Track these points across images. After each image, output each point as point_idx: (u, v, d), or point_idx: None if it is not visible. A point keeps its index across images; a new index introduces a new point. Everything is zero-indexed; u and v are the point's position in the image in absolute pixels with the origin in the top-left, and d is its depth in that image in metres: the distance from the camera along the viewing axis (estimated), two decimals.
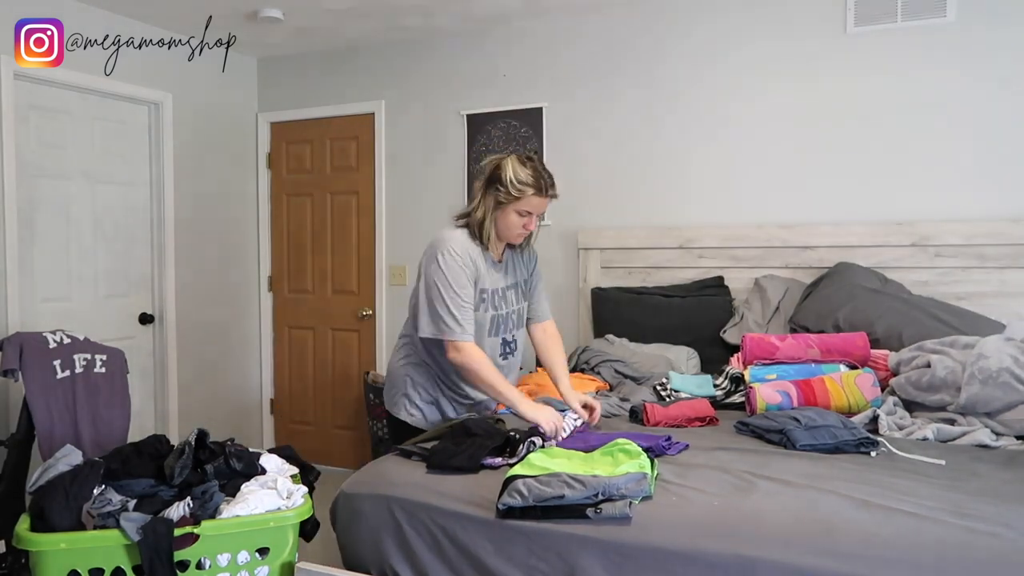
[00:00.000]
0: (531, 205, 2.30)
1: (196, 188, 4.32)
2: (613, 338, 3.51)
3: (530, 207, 2.30)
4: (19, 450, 2.89)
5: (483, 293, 2.33)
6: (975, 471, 1.96)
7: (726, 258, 3.60)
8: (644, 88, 3.81)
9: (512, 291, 2.43)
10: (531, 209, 2.30)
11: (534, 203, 2.30)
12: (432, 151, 4.33)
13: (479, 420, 2.22)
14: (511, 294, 2.42)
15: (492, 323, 2.37)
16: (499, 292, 2.38)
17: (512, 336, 2.46)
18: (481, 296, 2.33)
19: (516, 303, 2.44)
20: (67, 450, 2.04)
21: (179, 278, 4.21)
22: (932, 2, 3.26)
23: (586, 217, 3.95)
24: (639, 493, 1.74)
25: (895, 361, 2.69)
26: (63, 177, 3.68)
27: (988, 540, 1.53)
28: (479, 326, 2.33)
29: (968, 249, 3.18)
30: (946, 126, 3.27)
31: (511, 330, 2.44)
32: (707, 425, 2.53)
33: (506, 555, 1.75)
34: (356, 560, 1.93)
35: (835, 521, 1.63)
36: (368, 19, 4.02)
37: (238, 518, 1.83)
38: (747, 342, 2.87)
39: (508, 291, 2.41)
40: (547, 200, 2.33)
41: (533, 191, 2.28)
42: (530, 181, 2.27)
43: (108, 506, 1.85)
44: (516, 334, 2.47)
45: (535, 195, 2.29)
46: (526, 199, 2.28)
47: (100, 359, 3.11)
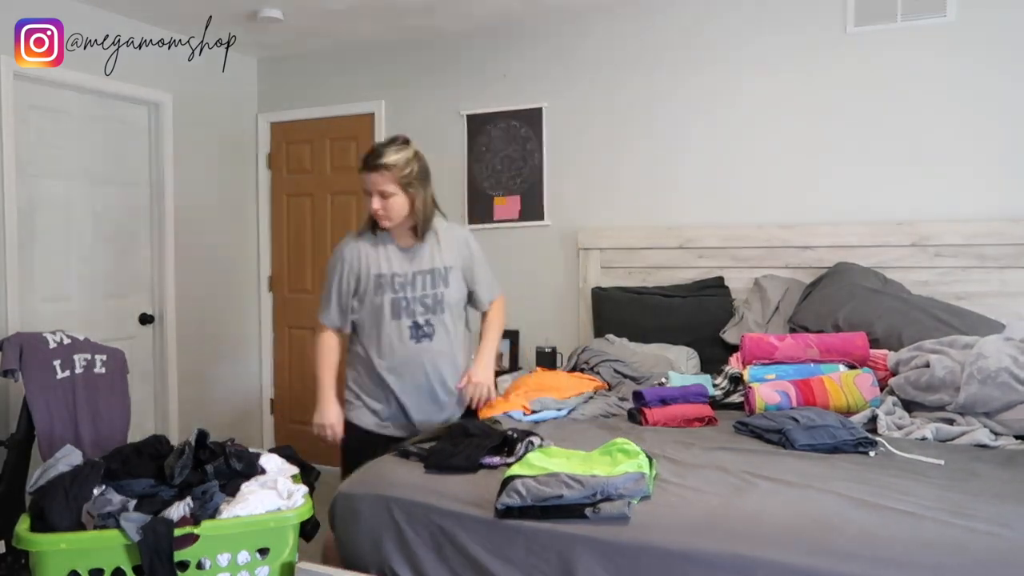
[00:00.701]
0: (366, 183, 2.36)
1: (196, 188, 4.33)
2: (613, 338, 3.51)
3: (366, 185, 2.36)
4: (19, 450, 2.89)
5: (379, 278, 2.42)
6: (974, 471, 1.96)
7: (726, 258, 3.60)
8: (644, 88, 3.81)
9: (425, 276, 2.44)
10: (367, 188, 2.36)
11: (366, 181, 2.35)
12: (432, 151, 4.28)
13: (477, 421, 2.22)
14: (422, 279, 2.44)
15: (392, 306, 2.42)
16: (402, 276, 2.43)
17: (426, 320, 2.43)
18: (377, 281, 2.42)
19: (431, 287, 2.44)
20: (67, 450, 2.04)
21: (179, 278, 4.21)
22: (932, 2, 3.26)
23: (586, 217, 3.95)
24: (638, 493, 1.74)
25: (894, 361, 2.69)
26: (63, 177, 3.68)
27: (987, 540, 1.53)
28: (376, 309, 2.42)
29: (968, 249, 3.17)
30: (946, 126, 3.27)
31: (423, 314, 2.43)
32: (706, 425, 2.53)
33: (505, 555, 1.75)
34: (355, 560, 1.93)
35: (834, 521, 1.63)
36: (368, 19, 4.02)
37: (238, 518, 1.83)
38: (746, 342, 2.87)
39: (418, 276, 2.44)
40: (378, 175, 2.33)
41: (360, 168, 2.38)
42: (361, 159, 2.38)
43: (108, 506, 1.85)
44: (433, 319, 2.44)
45: (362, 171, 2.37)
46: (362, 179, 2.37)
47: (100, 359, 3.12)
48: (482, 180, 4.19)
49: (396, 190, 2.35)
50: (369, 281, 2.43)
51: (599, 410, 2.74)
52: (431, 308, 2.45)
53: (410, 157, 2.39)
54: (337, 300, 2.48)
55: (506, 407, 2.63)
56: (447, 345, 2.48)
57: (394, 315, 2.42)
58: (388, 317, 2.42)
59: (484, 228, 4.19)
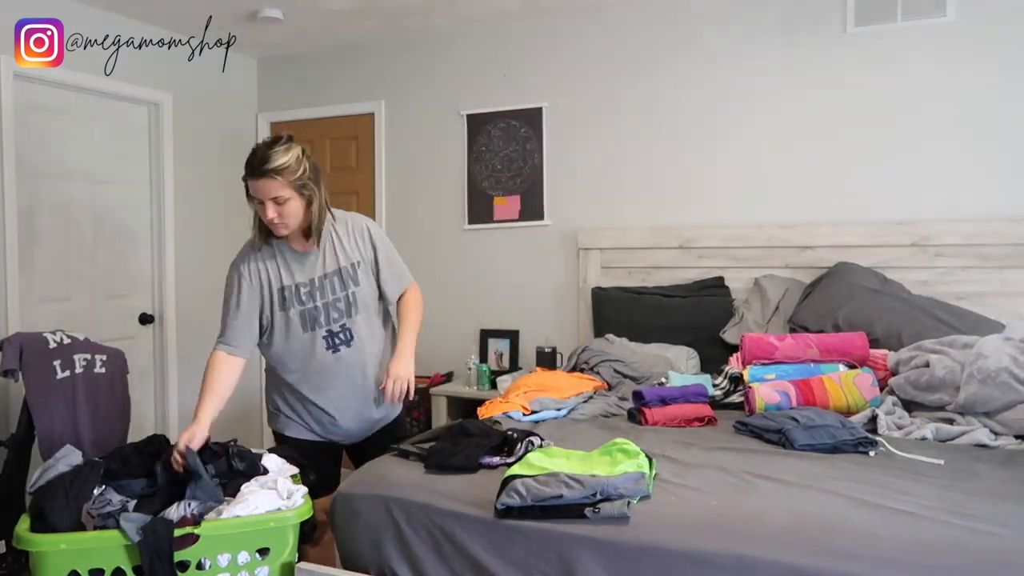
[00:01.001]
0: (255, 191, 2.14)
1: (196, 188, 4.33)
2: (613, 338, 3.51)
3: (255, 193, 2.14)
4: (19, 450, 2.89)
5: (283, 291, 2.24)
6: (974, 471, 1.96)
7: (726, 258, 3.60)
8: (644, 88, 3.81)
9: (331, 280, 2.26)
10: (257, 195, 2.14)
11: (256, 188, 2.13)
12: (432, 151, 4.33)
13: (477, 421, 2.22)
14: (329, 283, 2.26)
15: (303, 319, 2.25)
16: (307, 284, 2.25)
17: (340, 327, 2.27)
18: (281, 296, 2.24)
19: (340, 290, 2.26)
20: (67, 450, 2.04)
21: (179, 278, 4.21)
22: (932, 2, 3.26)
23: (586, 217, 3.95)
24: (637, 493, 1.74)
25: (894, 361, 2.69)
26: (63, 177, 3.68)
27: (987, 539, 1.53)
28: (285, 325, 2.26)
29: (968, 249, 3.17)
30: (946, 126, 3.27)
31: (336, 320, 2.27)
32: (706, 425, 2.53)
33: (504, 555, 1.75)
34: (354, 560, 1.93)
35: (833, 521, 1.63)
36: (368, 19, 4.02)
37: (238, 518, 1.83)
38: (746, 342, 2.87)
39: (325, 280, 2.26)
40: (269, 180, 2.10)
41: (247, 175, 2.14)
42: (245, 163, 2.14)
43: (108, 506, 1.85)
44: (349, 323, 2.28)
45: (250, 178, 2.14)
46: (248, 185, 2.16)
47: (100, 359, 3.11)
48: (482, 180, 4.19)
49: (291, 194, 2.14)
50: (273, 297, 2.25)
51: (599, 410, 2.74)
52: (345, 312, 2.27)
53: (300, 156, 2.16)
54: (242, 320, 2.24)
55: (506, 407, 2.63)
56: (370, 346, 2.32)
57: (305, 328, 2.25)
58: (299, 332, 2.25)
59: (484, 228, 4.19)
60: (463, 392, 3.90)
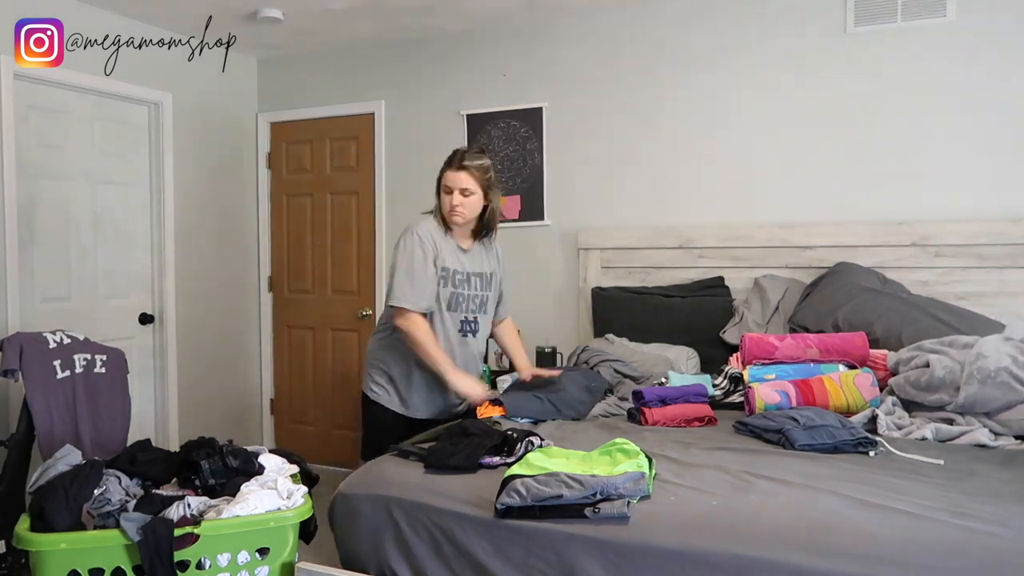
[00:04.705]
0: (448, 180, 2.58)
1: (196, 188, 4.33)
2: (613, 338, 3.51)
3: (448, 182, 2.58)
4: (19, 450, 2.89)
5: (443, 271, 2.59)
6: (973, 471, 1.96)
7: (726, 258, 3.60)
8: (644, 88, 3.81)
9: (477, 278, 2.69)
10: (450, 184, 2.57)
11: (449, 178, 2.57)
12: (432, 151, 4.31)
13: (476, 420, 2.22)
14: (475, 280, 2.68)
15: (451, 299, 2.63)
16: (461, 274, 2.64)
17: (473, 317, 2.70)
18: (442, 273, 2.59)
19: (480, 289, 2.70)
20: (66, 450, 2.04)
21: (179, 278, 4.21)
22: (932, 2, 3.26)
23: (586, 217, 3.95)
24: (637, 493, 1.74)
25: (894, 361, 2.69)
26: (63, 177, 3.68)
27: (986, 540, 1.53)
28: (442, 299, 2.61)
29: (968, 249, 3.17)
30: (946, 126, 3.27)
31: (472, 311, 2.69)
32: (706, 425, 2.53)
33: (504, 555, 1.75)
34: (354, 560, 1.93)
35: (833, 521, 1.63)
36: (368, 19, 4.02)
37: (238, 518, 1.83)
38: (746, 342, 2.87)
39: (473, 277, 2.67)
40: (461, 173, 2.56)
41: (445, 166, 2.60)
42: (446, 160, 2.61)
43: (108, 506, 1.85)
44: (479, 317, 2.72)
45: (447, 169, 2.59)
46: (444, 176, 2.60)
47: (100, 359, 3.12)
48: None
49: (477, 189, 2.58)
50: (438, 271, 2.59)
51: (599, 410, 2.74)
52: (478, 308, 2.70)
53: (489, 165, 2.63)
54: (429, 281, 2.56)
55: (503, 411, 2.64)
56: (481, 343, 2.77)
57: (450, 308, 2.63)
58: (445, 308, 2.62)
59: None
60: None
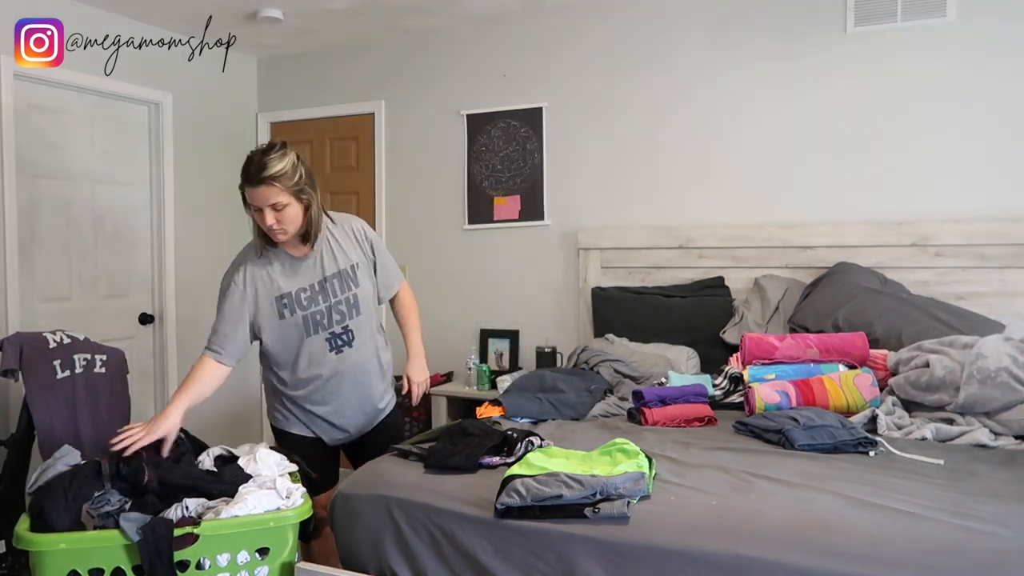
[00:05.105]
0: (252, 198, 2.14)
1: (196, 188, 4.33)
2: (613, 338, 3.51)
3: (252, 200, 2.15)
4: (19, 450, 2.89)
5: (282, 299, 2.25)
6: (973, 471, 1.96)
7: (726, 258, 3.60)
8: (644, 88, 3.81)
9: (332, 283, 2.29)
10: (255, 202, 2.14)
11: (252, 195, 2.14)
12: (432, 151, 4.33)
13: (476, 420, 2.22)
14: (330, 287, 2.29)
15: (305, 323, 2.27)
16: (306, 290, 2.26)
17: (342, 328, 2.31)
18: (282, 303, 2.25)
19: (341, 292, 2.29)
20: (65, 450, 2.04)
21: (179, 278, 4.21)
22: (932, 2, 3.26)
23: (586, 217, 3.95)
24: (637, 493, 1.74)
25: (894, 361, 2.69)
26: (63, 177, 3.68)
27: (986, 540, 1.53)
28: (294, 329, 2.27)
29: (968, 249, 3.17)
30: (946, 126, 3.27)
31: (338, 322, 2.30)
32: (706, 425, 2.53)
33: (504, 555, 1.75)
34: (354, 560, 1.93)
35: (833, 521, 1.63)
36: (368, 19, 4.02)
37: (238, 518, 1.83)
38: (746, 342, 2.87)
39: (326, 283, 2.28)
40: (267, 188, 2.10)
41: (243, 180, 2.14)
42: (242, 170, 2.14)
43: (108, 506, 1.85)
44: (350, 324, 2.32)
45: (245, 184, 2.14)
46: (246, 193, 2.15)
47: (100, 359, 3.11)
48: (482, 180, 4.19)
49: (289, 199, 2.14)
50: (272, 306, 2.26)
51: (599, 410, 2.74)
52: (347, 314, 2.31)
53: (295, 162, 2.17)
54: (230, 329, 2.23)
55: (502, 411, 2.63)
56: (369, 347, 2.37)
57: (308, 332, 2.28)
58: (303, 336, 2.28)
59: (484, 228, 4.19)
60: (463, 392, 3.90)
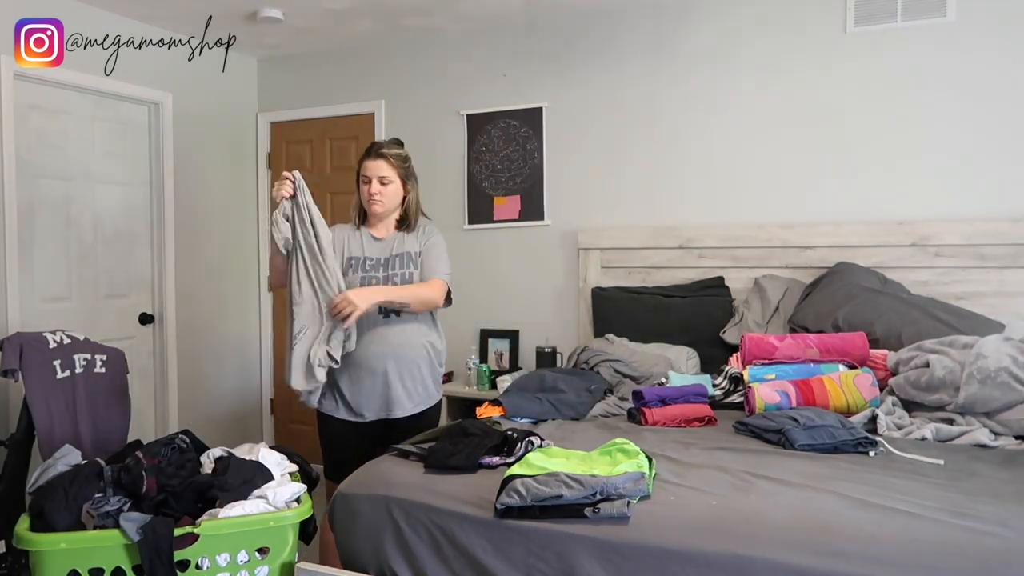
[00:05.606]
0: (366, 169, 2.63)
1: (196, 188, 4.33)
2: (613, 338, 3.51)
3: (365, 171, 2.63)
4: (19, 450, 2.89)
5: (351, 260, 2.65)
6: (973, 471, 1.96)
7: (726, 258, 3.60)
8: (644, 88, 3.81)
9: (396, 260, 2.64)
10: (367, 173, 2.63)
11: (367, 166, 2.63)
12: (432, 151, 4.33)
13: (476, 420, 2.22)
14: (394, 262, 2.64)
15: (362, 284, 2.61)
16: (372, 259, 2.64)
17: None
18: (349, 263, 2.64)
19: (400, 268, 2.64)
20: (65, 450, 2.05)
21: (179, 278, 4.21)
22: (932, 2, 3.26)
23: (586, 217, 3.95)
24: (637, 493, 1.74)
25: (894, 361, 2.69)
26: (63, 177, 3.68)
27: (986, 540, 1.53)
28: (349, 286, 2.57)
29: (968, 249, 3.17)
30: (946, 126, 3.27)
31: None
32: (706, 425, 2.53)
33: (504, 555, 1.75)
34: (354, 560, 1.93)
35: (833, 521, 1.63)
36: (368, 19, 4.02)
37: (238, 518, 1.83)
38: (746, 342, 2.87)
39: (391, 260, 2.64)
40: (379, 161, 2.61)
41: (363, 156, 2.66)
42: (364, 151, 2.69)
43: (108, 506, 1.85)
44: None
45: (365, 159, 2.65)
46: (362, 166, 2.66)
47: (100, 359, 3.11)
48: (482, 180, 4.19)
49: (395, 178, 2.63)
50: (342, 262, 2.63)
51: (599, 410, 2.74)
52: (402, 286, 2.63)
53: (408, 156, 2.70)
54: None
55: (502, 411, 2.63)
56: (416, 326, 2.64)
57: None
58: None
59: (484, 228, 4.19)
60: (463, 392, 3.89)
